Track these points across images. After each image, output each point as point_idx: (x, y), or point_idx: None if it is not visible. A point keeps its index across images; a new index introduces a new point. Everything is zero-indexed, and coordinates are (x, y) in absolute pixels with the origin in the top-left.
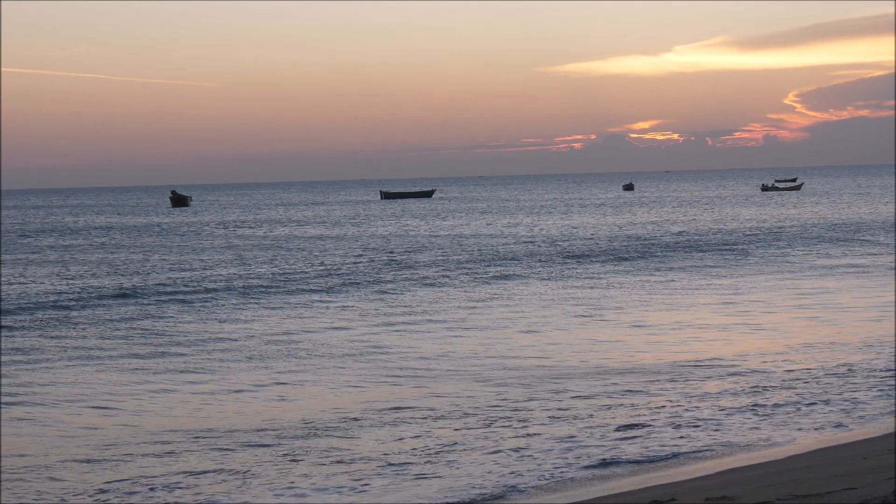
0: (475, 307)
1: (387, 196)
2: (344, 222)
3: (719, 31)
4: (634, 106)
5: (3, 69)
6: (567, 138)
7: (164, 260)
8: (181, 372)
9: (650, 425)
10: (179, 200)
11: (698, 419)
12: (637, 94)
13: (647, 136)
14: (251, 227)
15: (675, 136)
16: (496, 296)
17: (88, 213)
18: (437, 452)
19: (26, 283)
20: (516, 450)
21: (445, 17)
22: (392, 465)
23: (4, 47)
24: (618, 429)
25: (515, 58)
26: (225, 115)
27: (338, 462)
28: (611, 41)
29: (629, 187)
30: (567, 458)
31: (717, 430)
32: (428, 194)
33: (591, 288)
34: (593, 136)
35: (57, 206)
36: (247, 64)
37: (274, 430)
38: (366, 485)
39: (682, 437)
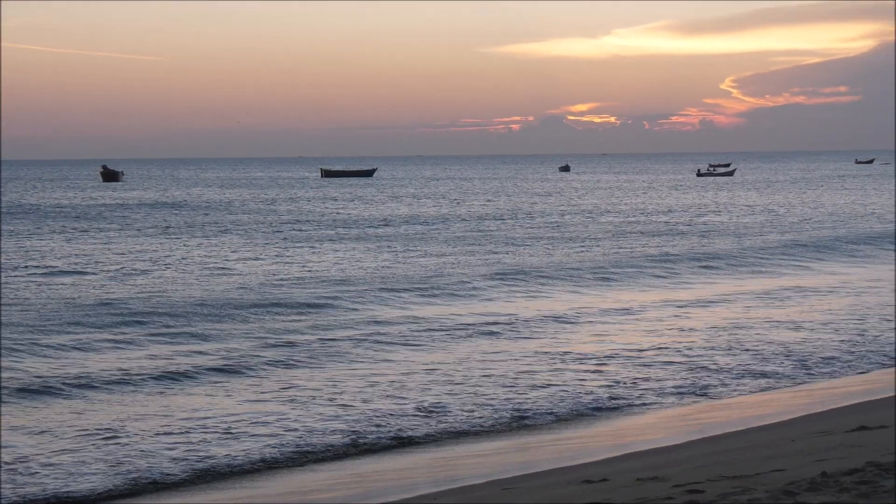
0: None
1: (327, 174)
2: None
3: (660, 15)
4: (573, 88)
5: None
6: (505, 119)
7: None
8: None
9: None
10: (110, 175)
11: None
12: (576, 76)
13: (584, 119)
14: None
15: (613, 119)
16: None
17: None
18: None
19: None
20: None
21: None
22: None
23: None
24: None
25: (457, 37)
26: (170, 89)
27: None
28: (551, 22)
29: (565, 169)
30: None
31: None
32: (369, 173)
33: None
34: (531, 118)
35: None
36: (193, 38)
37: None
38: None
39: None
